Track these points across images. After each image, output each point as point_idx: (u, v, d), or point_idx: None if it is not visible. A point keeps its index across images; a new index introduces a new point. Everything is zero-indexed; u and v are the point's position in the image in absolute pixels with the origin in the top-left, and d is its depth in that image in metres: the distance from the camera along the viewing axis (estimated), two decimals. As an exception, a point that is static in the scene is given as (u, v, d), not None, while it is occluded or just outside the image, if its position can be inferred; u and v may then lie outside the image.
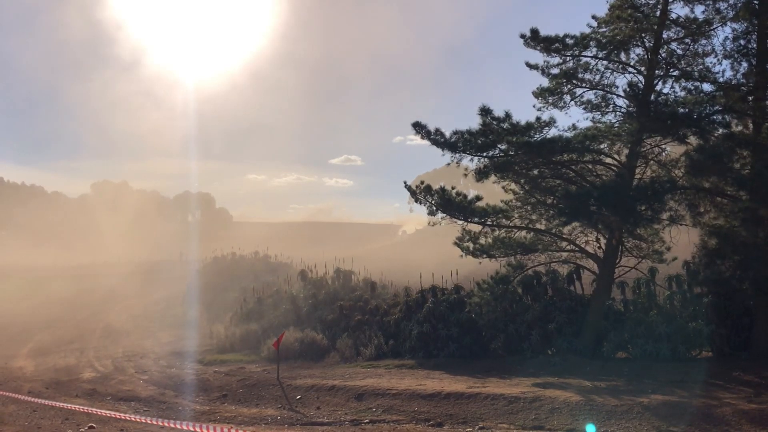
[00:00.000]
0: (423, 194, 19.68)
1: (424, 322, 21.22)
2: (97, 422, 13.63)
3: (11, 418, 14.65)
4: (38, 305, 41.24)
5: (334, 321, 25.07)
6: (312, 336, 23.73)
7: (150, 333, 31.45)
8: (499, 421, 13.31)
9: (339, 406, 15.62)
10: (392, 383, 16.78)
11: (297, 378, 18.72)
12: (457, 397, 14.79)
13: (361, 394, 16.12)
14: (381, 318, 23.44)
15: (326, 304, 27.17)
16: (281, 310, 28.19)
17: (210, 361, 23.84)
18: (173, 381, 20.26)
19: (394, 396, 15.52)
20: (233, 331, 27.76)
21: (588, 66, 19.81)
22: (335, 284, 29.95)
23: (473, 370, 17.78)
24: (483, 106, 19.06)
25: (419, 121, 19.40)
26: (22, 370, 24.68)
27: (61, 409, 15.87)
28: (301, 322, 25.71)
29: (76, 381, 21.26)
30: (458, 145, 19.19)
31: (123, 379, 21.39)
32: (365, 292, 27.40)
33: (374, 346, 21.80)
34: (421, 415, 14.12)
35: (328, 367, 20.86)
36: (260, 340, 25.09)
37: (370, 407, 15.12)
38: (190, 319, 32.98)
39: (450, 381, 16.64)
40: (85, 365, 24.56)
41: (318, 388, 17.16)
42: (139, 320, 35.91)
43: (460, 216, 19.88)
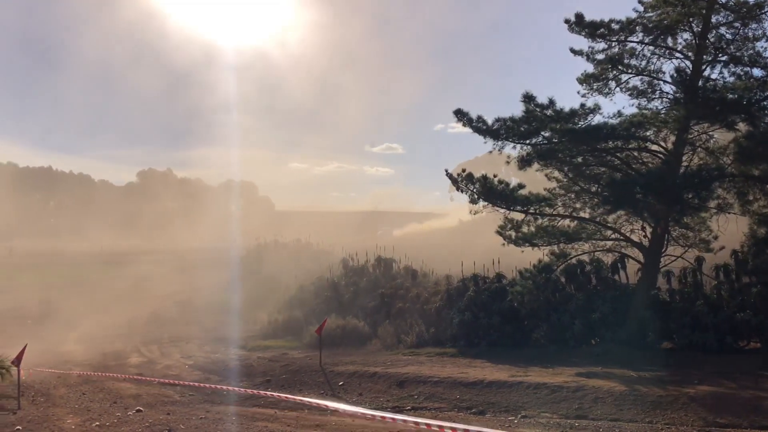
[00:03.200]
0: (465, 182, 19.59)
1: (465, 310, 21.15)
2: (144, 406, 13.92)
3: (62, 401, 15.07)
4: (86, 291, 42.17)
5: (376, 308, 25.18)
6: (354, 323, 23.88)
7: (194, 319, 31.95)
8: (541, 410, 13.24)
9: (381, 392, 15.70)
10: (434, 371, 16.80)
11: (339, 364, 18.86)
12: (500, 385, 14.75)
13: (403, 381, 16.18)
14: (422, 306, 23.45)
15: (367, 292, 27.28)
16: (323, 298, 28.40)
17: (253, 347, 24.16)
18: (218, 366, 20.60)
19: (435, 383, 15.55)
20: (276, 317, 28.07)
21: (634, 51, 19.48)
22: (376, 272, 30.02)
23: (515, 359, 17.68)
24: (526, 92, 18.92)
25: (461, 109, 19.34)
26: (71, 354, 25.36)
27: (110, 391, 16.28)
28: (343, 309, 25.86)
29: (123, 365, 21.77)
30: (500, 132, 19.06)
31: (169, 364, 21.83)
32: (406, 280, 27.41)
33: (415, 333, 21.83)
34: (463, 403, 14.12)
35: (369, 354, 20.95)
36: (302, 326, 25.32)
37: (412, 394, 15.17)
38: (234, 306, 33.37)
39: (492, 369, 16.59)
40: (132, 350, 25.12)
41: (360, 375, 17.27)
42: (184, 307, 36.49)
43: (503, 204, 19.74)
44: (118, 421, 12.14)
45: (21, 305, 39.26)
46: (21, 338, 21.47)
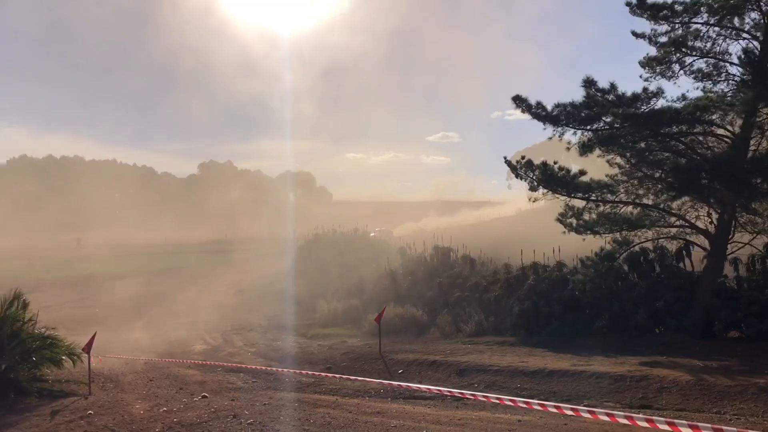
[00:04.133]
0: (524, 169, 19.36)
1: (525, 299, 20.98)
2: (209, 392, 14.24)
3: (130, 387, 15.52)
4: (151, 280, 43.32)
5: (434, 297, 25.18)
6: (412, 312, 23.94)
7: (256, 307, 32.50)
8: (604, 399, 13.05)
9: (441, 381, 15.71)
10: (494, 360, 16.73)
11: (398, 352, 18.94)
12: (561, 374, 14.60)
13: (463, 369, 16.16)
14: (481, 295, 23.35)
15: (425, 281, 27.31)
16: (381, 286, 28.54)
17: (313, 335, 24.47)
18: (279, 353, 20.93)
19: (496, 372, 15.48)
20: (335, 306, 28.35)
21: (698, 33, 18.87)
22: (434, 261, 30.00)
23: (576, 348, 17.46)
24: (587, 77, 18.54)
25: (519, 95, 19.09)
26: (138, 342, 26.10)
27: (176, 378, 16.70)
28: (401, 298, 25.93)
29: (188, 353, 22.31)
30: (560, 118, 18.75)
31: (232, 351, 22.27)
32: (464, 269, 27.30)
33: (474, 322, 21.76)
34: (524, 392, 14.01)
35: (428, 342, 20.99)
36: (361, 315, 25.51)
37: (472, 383, 15.14)
38: (294, 295, 33.83)
39: (553, 358, 16.43)
40: (196, 338, 25.71)
41: (419, 363, 17.32)
42: (246, 295, 37.16)
43: (563, 191, 19.43)
44: (185, 407, 12.45)
45: (90, 294, 40.62)
46: (91, 326, 22.25)
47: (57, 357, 15.11)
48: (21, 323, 14.78)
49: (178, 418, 11.37)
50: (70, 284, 44.64)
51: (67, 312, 32.71)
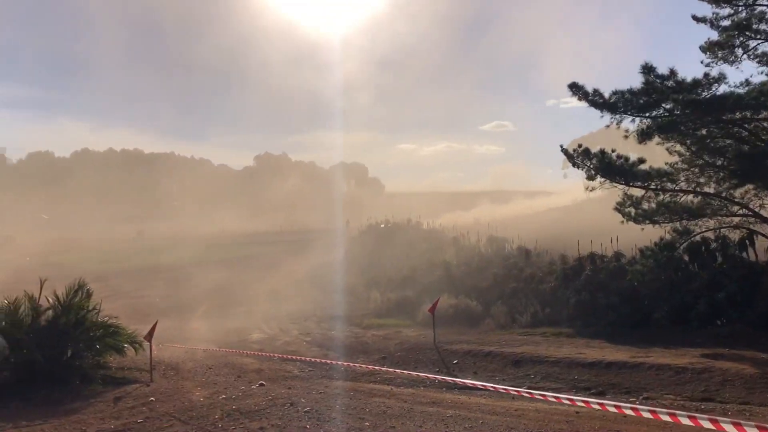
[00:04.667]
0: (581, 158, 19.05)
1: (582, 290, 20.68)
2: (266, 380, 14.45)
3: (190, 374, 15.86)
4: (210, 270, 44.08)
5: (488, 288, 25.02)
6: (466, 303, 23.83)
7: (311, 297, 32.79)
8: (664, 392, 12.80)
9: (496, 371, 15.63)
10: (550, 351, 16.55)
11: (453, 343, 18.89)
12: (620, 366, 14.36)
13: (518, 360, 16.04)
14: (536, 286, 23.12)
15: (479, 272, 27.18)
16: (435, 277, 28.48)
17: (368, 325, 24.56)
18: (334, 343, 21.09)
19: (552, 363, 15.32)
20: (389, 296, 28.42)
21: (763, 15, 18.23)
22: (488, 252, 29.86)
23: (635, 339, 17.13)
24: (645, 63, 18.12)
25: (576, 82, 18.77)
26: (197, 330, 26.63)
27: (234, 366, 16.99)
28: (455, 289, 25.83)
29: (245, 341, 22.66)
30: (618, 105, 18.38)
31: (288, 340, 22.54)
32: (519, 260, 27.09)
33: (530, 313, 21.56)
34: (582, 384, 13.84)
35: (482, 333, 20.87)
36: (415, 305, 25.49)
37: (528, 374, 15.02)
38: (348, 285, 34.02)
39: (611, 350, 16.17)
40: (253, 327, 26.08)
41: (474, 354, 17.24)
42: (301, 285, 37.52)
43: (621, 180, 19.06)
44: (243, 394, 12.65)
45: (150, 285, 41.66)
46: (151, 316, 22.79)
47: (119, 345, 15.53)
48: (85, 312, 15.21)
49: (236, 405, 11.56)
50: (131, 275, 45.82)
51: (129, 302, 33.56)
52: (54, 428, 10.60)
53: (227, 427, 10.20)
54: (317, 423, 10.28)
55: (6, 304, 14.79)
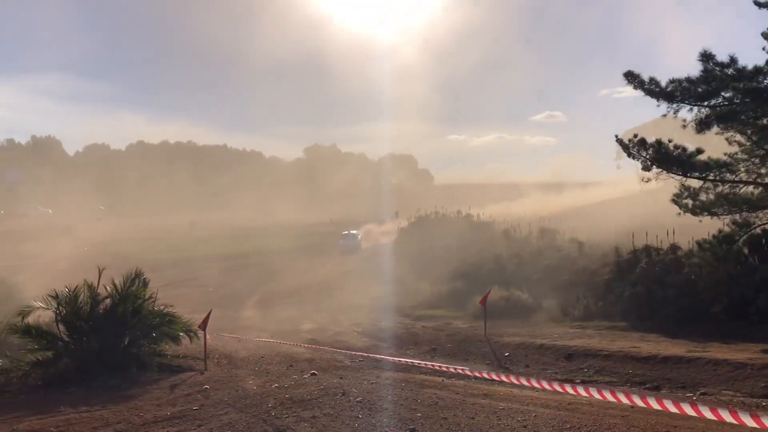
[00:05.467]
0: (636, 148, 18.65)
1: (636, 283, 20.30)
2: (318, 370, 14.56)
3: (243, 363, 16.07)
4: (262, 260, 44.68)
5: (540, 281, 24.77)
6: (517, 295, 23.63)
7: (361, 288, 32.95)
8: (722, 388, 12.49)
9: (548, 364, 15.47)
10: (603, 344, 16.30)
11: (504, 335, 18.76)
12: (676, 361, 14.06)
13: (571, 354, 15.83)
14: (589, 278, 22.81)
15: (531, 264, 26.90)
16: (485, 269, 28.31)
17: (418, 317, 24.56)
18: (385, 333, 21.15)
19: (606, 357, 15.08)
20: (439, 288, 28.37)
21: (828, 0, 17.60)
22: (540, 244, 29.52)
23: (691, 334, 16.75)
24: (704, 50, 17.63)
25: (632, 71, 18.38)
26: (250, 320, 27.05)
27: (286, 355, 17.17)
28: (506, 281, 25.62)
29: (297, 331, 22.89)
30: (675, 94, 17.93)
31: (339, 330, 22.69)
32: (572, 252, 26.73)
33: (582, 306, 21.28)
34: (636, 378, 13.60)
35: (534, 326, 20.68)
36: (465, 297, 25.36)
37: (581, 367, 14.82)
38: (397, 276, 34.09)
39: (667, 344, 15.84)
40: (305, 317, 26.35)
41: (526, 346, 17.10)
42: (351, 276, 37.77)
43: (678, 171, 18.61)
44: (295, 384, 12.78)
45: (203, 274, 42.44)
46: (205, 305, 23.20)
47: (175, 333, 15.81)
48: (142, 300, 15.51)
49: (289, 394, 11.69)
50: (184, 265, 46.70)
51: (183, 291, 34.24)
52: (112, 414, 10.86)
53: (280, 416, 10.31)
54: (369, 413, 10.33)
55: (66, 292, 15.21)
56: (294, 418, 10.17)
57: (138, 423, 10.25)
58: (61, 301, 14.96)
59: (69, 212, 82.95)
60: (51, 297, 15.07)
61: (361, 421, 9.91)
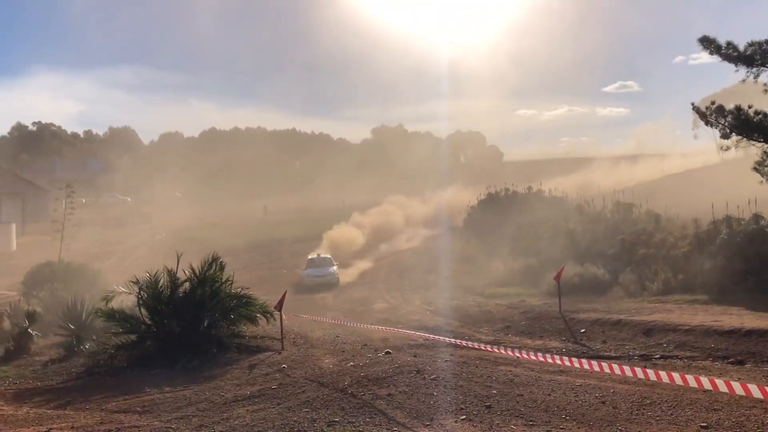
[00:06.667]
0: (714, 116, 18.00)
1: (717, 255, 19.65)
2: (392, 348, 14.69)
3: (319, 343, 16.35)
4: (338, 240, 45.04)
5: (615, 255, 24.22)
6: (592, 270, 23.21)
7: (432, 267, 32.99)
8: (812, 362, 12.03)
9: (626, 340, 15.18)
10: (683, 319, 15.89)
11: (579, 312, 18.49)
12: (761, 334, 13.57)
13: (650, 329, 15.49)
14: (667, 252, 22.18)
15: (605, 239, 26.29)
16: (558, 245, 27.82)
17: (490, 295, 24.43)
18: (457, 312, 21.13)
19: (686, 332, 14.69)
20: (511, 265, 28.13)
21: None
22: (614, 217, 28.81)
23: (777, 306, 16.15)
24: (786, 10, 16.80)
25: (707, 36, 17.71)
26: (324, 300, 27.46)
27: (360, 334, 17.37)
28: (580, 256, 25.15)
29: (370, 311, 23.13)
30: (755, 57, 17.20)
31: (411, 309, 22.81)
32: (648, 225, 26.00)
33: (661, 280, 20.75)
34: (719, 352, 13.21)
35: (610, 301, 20.31)
36: (538, 274, 25.05)
37: (661, 342, 14.49)
38: (468, 255, 33.96)
39: (750, 317, 15.31)
40: (377, 297, 26.59)
41: (602, 322, 16.82)
42: (421, 255, 37.80)
43: (760, 137, 17.88)
44: (370, 362, 12.95)
45: (276, 257, 43.25)
46: (279, 287, 23.64)
47: (252, 315, 16.23)
48: (219, 283, 15.96)
49: (364, 372, 11.85)
50: (259, 248, 47.66)
51: (258, 273, 35.02)
52: (194, 393, 11.25)
53: (357, 393, 10.47)
54: (444, 390, 10.38)
55: (147, 277, 15.77)
56: (370, 396, 10.31)
57: (219, 402, 10.60)
58: (143, 286, 15.55)
59: (147, 200, 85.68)
60: (132, 282, 15.67)
61: (436, 398, 9.98)
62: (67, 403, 11.35)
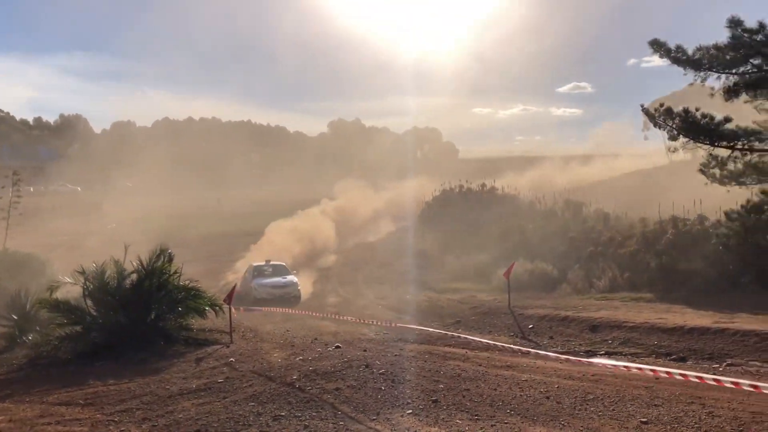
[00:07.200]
0: (663, 118, 18.35)
1: (663, 254, 20.13)
2: (342, 342, 14.66)
3: (269, 336, 16.25)
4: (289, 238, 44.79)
5: (565, 253, 24.63)
6: (542, 267, 23.55)
7: (386, 262, 32.98)
8: (749, 358, 12.42)
9: (572, 336, 15.45)
10: (629, 316, 16.24)
11: (528, 308, 18.74)
12: (702, 332, 13.96)
13: (596, 325, 15.80)
14: (615, 250, 22.63)
15: (556, 236, 26.70)
16: (510, 242, 28.18)
17: (443, 290, 24.57)
18: (409, 306, 21.24)
19: (631, 329, 15.02)
20: (464, 261, 28.35)
21: None
22: (565, 216, 29.28)
23: (719, 305, 16.59)
24: (732, 17, 17.21)
25: (657, 39, 18.06)
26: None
27: (310, 329, 17.31)
28: (531, 253, 25.49)
29: (322, 305, 23.06)
30: (703, 62, 17.58)
31: (364, 304, 22.82)
32: (597, 224, 26.50)
33: (608, 278, 21.16)
34: (662, 349, 13.55)
35: (558, 298, 20.64)
36: (490, 270, 25.32)
37: (606, 339, 14.79)
38: (423, 250, 34.04)
39: (693, 315, 15.73)
40: (330, 291, 26.50)
41: (550, 318, 17.08)
42: (376, 250, 37.78)
43: (706, 140, 18.28)
44: (320, 356, 12.89)
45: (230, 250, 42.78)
46: (230, 280, 23.41)
47: (201, 307, 16.01)
48: (167, 275, 15.70)
49: (313, 366, 11.80)
50: (212, 240, 47.06)
51: (209, 266, 34.54)
52: (139, 386, 11.06)
53: (304, 387, 10.43)
54: (392, 384, 10.41)
55: (94, 267, 15.45)
56: (318, 390, 10.28)
57: (164, 395, 10.44)
58: (89, 277, 15.22)
59: (98, 189, 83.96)
60: (78, 273, 15.33)
61: (384, 392, 9.99)
62: (6, 396, 11.05)
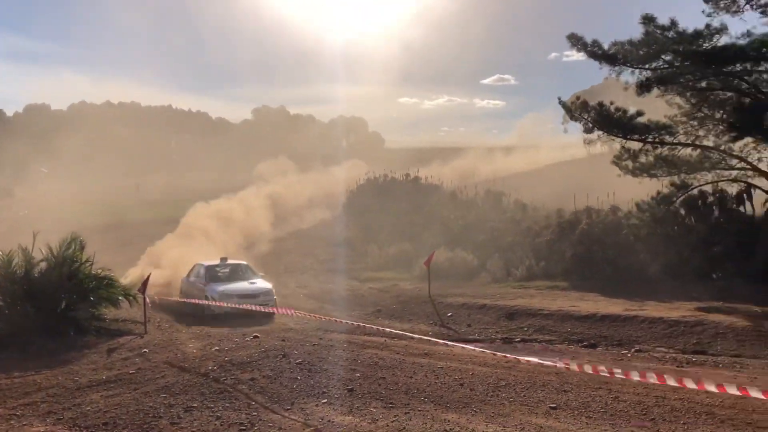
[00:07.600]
0: (579, 111, 18.86)
1: (577, 244, 20.66)
2: (260, 332, 14.46)
3: (184, 326, 15.92)
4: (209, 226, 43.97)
5: (485, 242, 24.95)
6: (462, 256, 23.81)
7: (309, 251, 32.72)
8: (656, 344, 12.90)
9: (490, 324, 15.69)
10: (544, 304, 16.62)
11: (448, 296, 18.93)
12: (613, 319, 14.43)
13: (512, 313, 16.10)
14: (532, 239, 23.09)
15: (476, 225, 27.05)
16: (432, 231, 28.39)
17: (365, 279, 24.56)
18: (331, 296, 21.15)
19: (546, 316, 15.38)
20: (387, 250, 28.40)
21: (767, -37, 17.84)
22: (485, 206, 29.72)
23: (630, 293, 17.16)
24: (645, 13, 17.80)
25: (575, 33, 18.51)
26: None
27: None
28: (452, 242, 25.73)
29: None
30: (617, 56, 18.12)
31: (286, 293, 22.52)
32: (516, 214, 27.00)
33: (525, 267, 21.57)
34: (575, 336, 13.93)
35: (478, 286, 20.91)
36: (412, 259, 25.45)
37: (522, 326, 15.08)
38: (347, 239, 33.97)
39: (605, 303, 16.23)
40: (250, 279, 26.08)
41: (469, 306, 17.31)
42: (299, 239, 37.45)
43: (619, 133, 18.89)
44: (236, 346, 12.69)
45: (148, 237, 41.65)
46: (146, 268, 22.78)
47: (114, 297, 15.54)
48: (78, 264, 15.16)
49: (229, 357, 11.60)
50: (128, 228, 45.71)
51: (127, 255, 33.55)
52: (46, 378, 10.65)
53: (219, 378, 10.24)
54: (308, 374, 10.33)
55: (0, 255, 14.77)
56: (232, 381, 10.11)
57: (72, 387, 10.08)
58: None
59: (8, 175, 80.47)
60: (-18, 261, 14.63)
61: (299, 382, 9.90)
62: None
